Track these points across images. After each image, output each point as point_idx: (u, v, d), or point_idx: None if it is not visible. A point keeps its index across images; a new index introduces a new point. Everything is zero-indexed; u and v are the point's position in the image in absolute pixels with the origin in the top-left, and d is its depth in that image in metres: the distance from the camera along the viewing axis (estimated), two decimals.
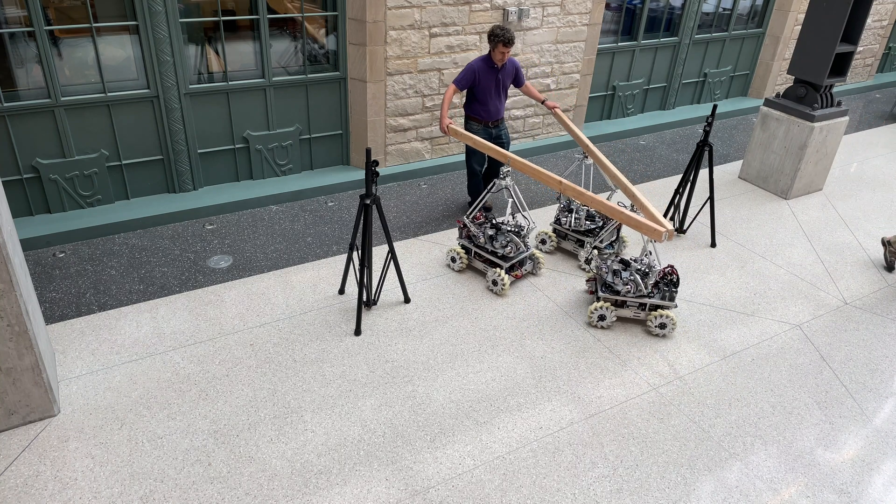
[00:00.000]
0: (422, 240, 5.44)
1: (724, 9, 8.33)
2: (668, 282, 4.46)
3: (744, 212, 6.23)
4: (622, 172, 6.89)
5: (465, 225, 4.95)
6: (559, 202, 5.40)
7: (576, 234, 5.27)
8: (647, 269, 4.47)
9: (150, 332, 4.21)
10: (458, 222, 5.01)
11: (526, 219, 5.18)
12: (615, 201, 4.98)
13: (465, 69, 5.19)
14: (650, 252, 4.53)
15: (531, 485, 3.33)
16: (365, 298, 4.51)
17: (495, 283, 4.77)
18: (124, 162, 5.43)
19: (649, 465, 3.49)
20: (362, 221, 4.08)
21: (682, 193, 5.55)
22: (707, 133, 5.14)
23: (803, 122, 6.22)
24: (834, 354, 4.41)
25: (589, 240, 5.18)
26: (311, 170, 6.35)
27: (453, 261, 5.04)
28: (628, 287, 4.43)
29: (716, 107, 5.22)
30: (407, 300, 4.64)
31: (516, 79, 5.44)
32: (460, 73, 5.23)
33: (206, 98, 5.54)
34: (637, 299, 4.45)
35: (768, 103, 6.52)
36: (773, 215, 6.20)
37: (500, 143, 5.51)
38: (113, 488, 3.18)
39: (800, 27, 7.26)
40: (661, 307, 4.46)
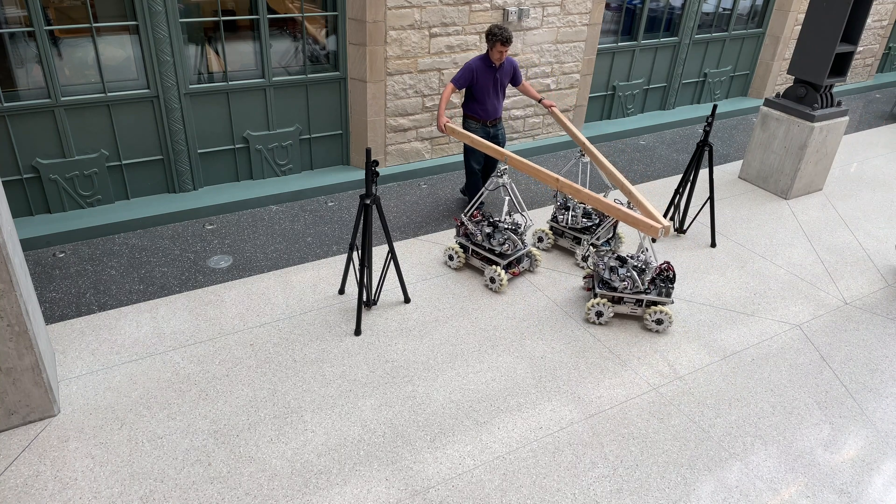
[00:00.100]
0: (422, 240, 5.44)
1: (724, 9, 8.33)
2: (665, 278, 4.50)
3: (744, 212, 6.23)
4: (622, 172, 6.89)
5: (462, 223, 4.97)
6: (556, 200, 5.43)
7: (573, 231, 5.30)
8: (643, 266, 4.52)
9: (150, 332, 4.21)
10: (456, 220, 5.04)
11: (523, 216, 5.19)
12: (611, 198, 4.99)
13: (464, 68, 5.21)
14: (646, 249, 4.58)
15: (531, 485, 3.33)
16: (365, 298, 4.51)
17: (493, 280, 4.79)
18: (124, 162, 5.43)
19: (649, 465, 3.49)
20: (362, 221, 4.08)
21: (682, 193, 5.55)
22: (707, 133, 5.14)
23: (803, 122, 6.22)
24: (834, 354, 4.41)
25: (586, 237, 5.21)
26: (311, 170, 6.35)
27: (451, 259, 5.05)
28: (625, 283, 4.47)
29: (716, 107, 5.22)
30: (407, 300, 4.64)
31: (514, 78, 5.46)
32: (458, 71, 5.26)
33: (206, 98, 5.54)
34: (634, 295, 4.49)
35: (768, 103, 6.52)
36: (773, 215, 6.20)
37: (497, 142, 5.55)
38: (113, 488, 3.18)
39: (800, 27, 7.26)
40: (658, 303, 4.50)
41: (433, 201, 6.11)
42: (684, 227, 5.72)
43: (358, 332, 4.29)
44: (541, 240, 5.41)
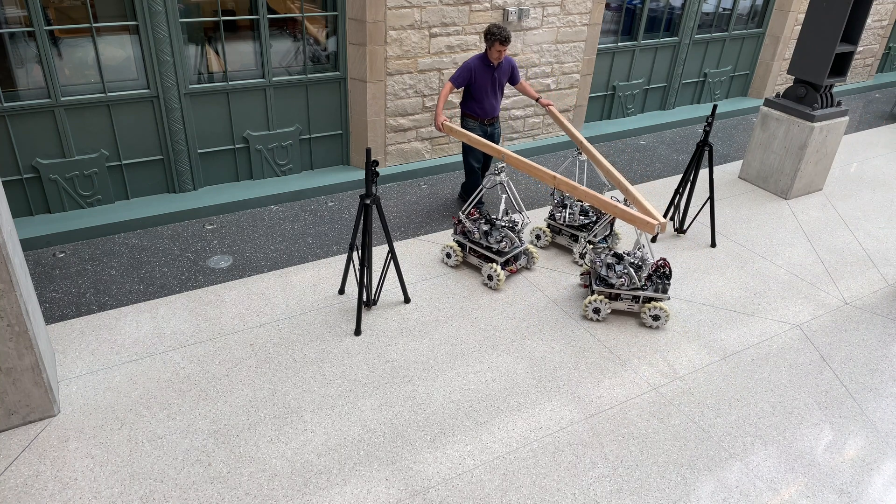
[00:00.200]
0: (422, 240, 5.44)
1: (724, 9, 8.33)
2: (661, 274, 4.54)
3: (744, 212, 6.23)
4: (622, 173, 6.89)
5: (459, 221, 5.00)
6: (553, 198, 5.46)
7: (570, 229, 5.33)
8: (640, 263, 4.56)
9: (150, 332, 4.21)
10: (454, 218, 5.06)
11: (520, 214, 5.20)
12: (608, 195, 5.02)
13: (462, 67, 5.23)
14: (643, 245, 4.61)
15: (531, 485, 3.33)
16: (365, 298, 4.51)
17: (490, 277, 4.82)
18: (124, 162, 5.43)
19: (649, 465, 3.49)
20: (362, 221, 4.08)
21: (682, 193, 5.55)
22: (707, 133, 5.14)
23: (803, 122, 6.22)
24: (834, 354, 4.41)
25: (583, 235, 5.24)
26: (311, 170, 6.35)
27: (448, 256, 5.08)
28: (622, 280, 4.51)
29: (716, 107, 5.23)
30: (407, 300, 4.64)
31: (512, 77, 5.49)
32: (457, 70, 5.29)
33: (206, 98, 5.54)
34: (631, 292, 4.52)
35: (768, 103, 6.52)
36: (773, 215, 6.20)
37: (494, 141, 5.59)
38: (113, 488, 3.18)
39: (800, 27, 7.26)
40: (655, 299, 4.54)
41: (433, 201, 6.11)
42: (684, 227, 5.72)
43: (358, 332, 4.29)
44: (538, 237, 5.44)
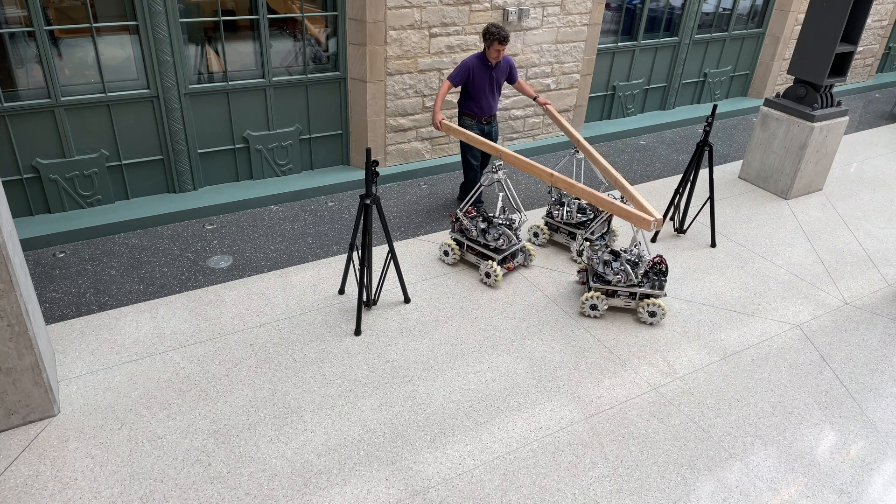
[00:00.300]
0: (422, 240, 5.44)
1: (724, 9, 8.33)
2: (658, 271, 4.57)
3: (744, 212, 6.23)
4: (622, 173, 6.89)
5: (457, 219, 5.02)
6: (551, 196, 5.49)
7: (567, 226, 5.36)
8: (636, 259, 4.59)
9: (150, 332, 4.21)
10: (451, 216, 5.08)
11: (518, 212, 5.22)
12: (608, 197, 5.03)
13: (460, 66, 5.24)
14: (639, 242, 4.63)
15: (531, 485, 3.33)
16: (365, 298, 4.51)
17: (488, 275, 4.85)
18: (124, 162, 5.43)
19: (649, 465, 3.49)
20: (362, 221, 4.08)
21: (682, 193, 5.55)
22: (707, 133, 5.14)
23: (803, 122, 6.22)
24: (834, 354, 4.41)
25: (580, 232, 5.26)
26: (311, 170, 6.35)
27: (446, 254, 5.10)
28: (619, 277, 4.54)
29: (716, 107, 5.23)
30: (407, 300, 4.64)
31: (510, 76, 5.52)
32: (455, 69, 5.30)
33: (206, 98, 5.53)
34: (627, 288, 4.55)
35: (768, 103, 6.52)
36: (773, 215, 6.20)
37: (491, 139, 5.61)
38: (113, 488, 3.18)
39: (800, 27, 7.26)
40: (651, 296, 4.57)
41: (433, 201, 6.11)
42: (684, 227, 5.72)
43: (358, 332, 4.29)
44: (536, 235, 5.48)
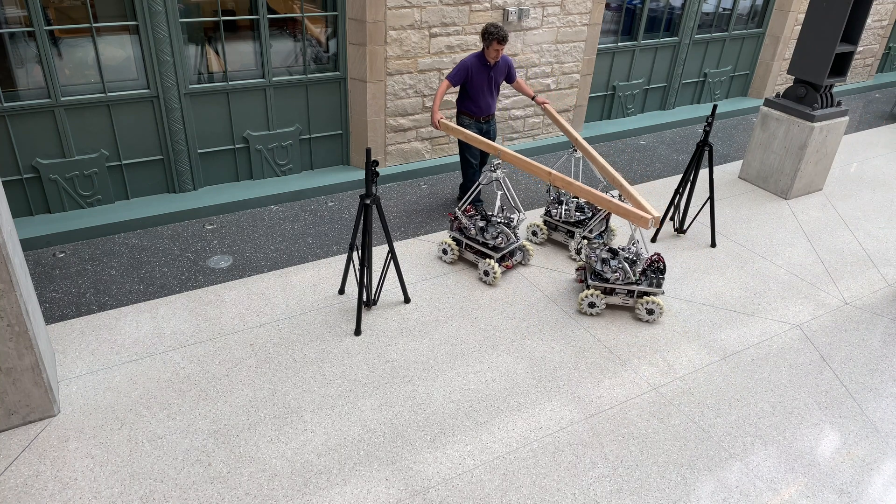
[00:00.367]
0: (422, 240, 5.44)
1: (724, 9, 8.33)
2: (655, 269, 4.59)
3: (744, 212, 6.23)
4: (622, 173, 6.89)
5: (455, 217, 5.04)
6: (549, 194, 5.51)
7: (566, 225, 5.38)
8: (634, 258, 4.61)
9: (150, 332, 4.21)
10: (450, 214, 5.10)
11: (516, 211, 5.23)
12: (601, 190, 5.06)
13: (459, 66, 5.25)
14: (637, 240, 4.65)
15: (531, 485, 3.33)
16: (365, 298, 4.51)
17: (487, 273, 4.86)
18: (124, 162, 5.43)
19: (649, 465, 3.49)
20: (362, 221, 4.08)
21: (682, 193, 5.55)
22: (707, 133, 5.15)
23: (803, 122, 6.22)
24: (834, 354, 4.41)
25: (579, 230, 5.28)
26: (311, 170, 6.35)
27: (444, 252, 5.11)
28: (617, 275, 4.55)
29: (716, 107, 5.23)
30: (407, 300, 4.64)
31: (508, 75, 5.53)
32: (453, 69, 5.31)
33: (206, 98, 5.53)
34: (625, 286, 4.56)
35: (768, 103, 6.52)
36: (773, 215, 6.20)
37: (489, 139, 5.63)
38: (113, 488, 3.18)
39: (800, 27, 7.26)
40: (649, 294, 4.58)
41: (433, 201, 6.11)
42: (684, 227, 5.72)
43: (358, 332, 4.29)
44: (535, 234, 5.50)
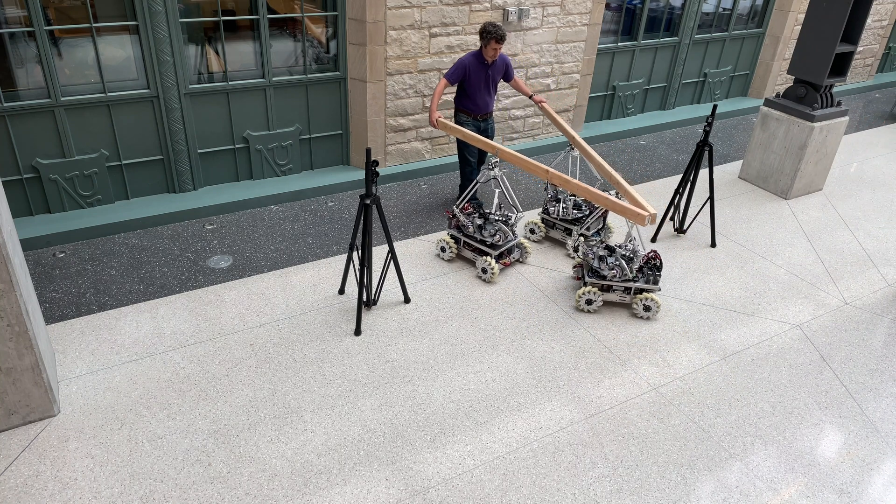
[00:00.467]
0: (422, 240, 5.44)
1: (724, 9, 8.33)
2: (652, 266, 4.62)
3: (744, 212, 6.23)
4: (622, 173, 6.89)
5: (454, 215, 5.06)
6: (547, 192, 5.54)
7: (563, 222, 5.41)
8: (631, 255, 4.64)
9: (150, 332, 4.21)
10: (448, 212, 5.12)
11: (514, 208, 5.24)
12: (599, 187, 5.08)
13: (456, 64, 5.27)
14: (634, 238, 4.68)
15: (531, 485, 3.33)
16: (365, 298, 4.51)
17: (485, 270, 4.89)
18: (124, 162, 5.43)
19: (649, 465, 3.49)
20: (362, 221, 4.08)
21: (682, 193, 5.55)
22: (707, 133, 5.15)
23: (803, 122, 6.22)
24: (834, 354, 4.41)
25: (576, 228, 5.31)
26: (311, 170, 6.35)
27: (443, 250, 5.14)
28: (614, 272, 4.58)
29: (716, 107, 5.23)
30: (407, 300, 4.64)
31: (506, 74, 5.55)
32: (451, 67, 5.33)
33: (206, 98, 5.53)
34: (622, 283, 4.59)
35: (768, 103, 6.52)
36: (773, 215, 6.20)
37: (487, 137, 5.64)
38: (113, 488, 3.18)
39: (800, 27, 7.26)
40: (646, 290, 4.61)
41: (433, 201, 6.11)
42: (684, 227, 5.72)
43: (358, 332, 4.29)
44: (533, 231, 5.53)
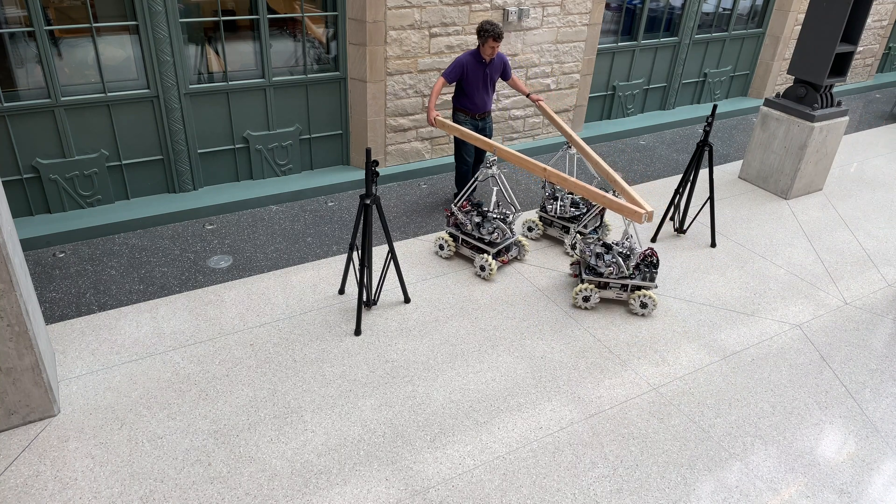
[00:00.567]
0: (422, 240, 5.44)
1: (724, 9, 8.33)
2: (649, 263, 4.63)
3: (744, 212, 6.23)
4: (622, 173, 6.89)
5: (452, 213, 5.07)
6: (545, 190, 5.56)
7: (561, 220, 5.43)
8: (628, 252, 4.66)
9: (150, 332, 4.21)
10: (446, 210, 5.14)
11: (512, 206, 5.25)
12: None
13: (454, 63, 5.28)
14: (631, 235, 4.69)
15: (531, 485, 3.33)
16: (365, 298, 4.51)
17: (483, 268, 4.91)
18: (124, 162, 5.43)
19: (649, 465, 3.49)
20: (362, 221, 4.08)
21: (682, 193, 5.55)
22: (707, 133, 5.15)
23: (803, 122, 6.22)
24: (834, 354, 4.41)
25: (573, 226, 5.34)
26: (311, 170, 6.35)
27: (441, 248, 5.16)
28: (611, 269, 4.60)
29: (716, 107, 5.23)
30: (407, 300, 4.64)
31: (504, 73, 5.56)
32: (449, 66, 5.33)
33: (206, 98, 5.53)
34: (619, 280, 4.62)
35: (768, 103, 6.52)
36: (773, 215, 6.20)
37: (485, 135, 5.65)
38: (113, 488, 3.18)
39: (800, 27, 7.25)
40: (642, 287, 4.64)
41: (433, 201, 6.11)
42: (684, 227, 5.72)
43: (358, 332, 4.29)
44: (530, 229, 5.55)
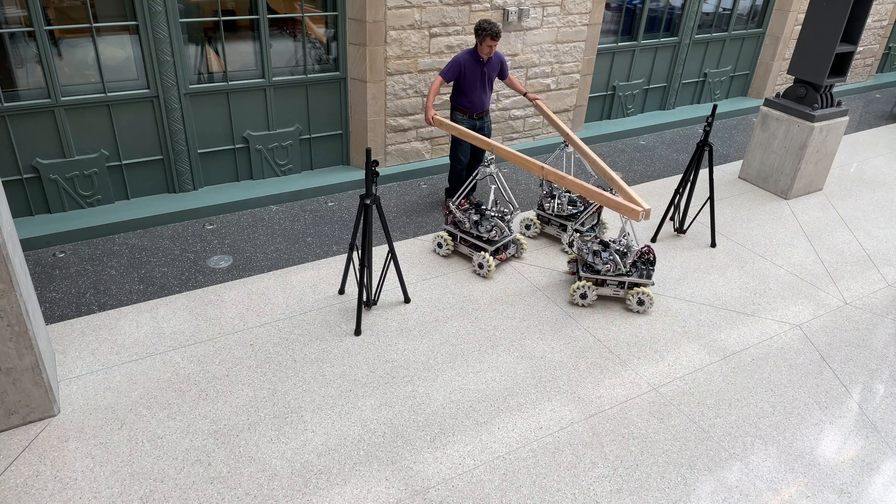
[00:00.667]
0: (422, 240, 5.44)
1: (724, 9, 8.33)
2: (646, 261, 4.65)
3: (744, 212, 6.23)
4: (622, 172, 6.89)
5: (450, 211, 5.08)
6: (542, 189, 5.57)
7: (558, 218, 5.46)
8: (625, 250, 4.67)
9: (150, 332, 4.21)
10: (444, 209, 5.15)
11: (510, 204, 5.26)
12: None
13: (452, 62, 5.29)
14: (628, 233, 4.70)
15: (531, 485, 3.33)
16: (365, 298, 4.51)
17: (481, 266, 4.93)
18: (124, 162, 5.43)
19: (649, 465, 3.49)
20: (362, 221, 4.08)
21: (682, 193, 5.55)
22: (707, 133, 5.15)
23: (803, 122, 6.22)
24: (834, 354, 4.41)
25: (571, 224, 5.35)
26: (311, 170, 6.35)
27: (440, 246, 5.17)
28: (608, 266, 4.62)
29: (716, 107, 5.23)
30: (407, 300, 4.64)
31: (501, 71, 5.57)
32: (447, 65, 5.34)
33: (206, 98, 5.53)
34: (616, 278, 4.64)
35: (768, 103, 6.52)
36: (773, 215, 6.20)
37: (483, 134, 5.65)
38: (113, 488, 3.18)
39: (800, 27, 7.26)
40: (639, 285, 4.66)
41: (433, 201, 6.11)
42: (684, 227, 5.72)
43: (358, 332, 4.29)
44: (528, 227, 5.57)
